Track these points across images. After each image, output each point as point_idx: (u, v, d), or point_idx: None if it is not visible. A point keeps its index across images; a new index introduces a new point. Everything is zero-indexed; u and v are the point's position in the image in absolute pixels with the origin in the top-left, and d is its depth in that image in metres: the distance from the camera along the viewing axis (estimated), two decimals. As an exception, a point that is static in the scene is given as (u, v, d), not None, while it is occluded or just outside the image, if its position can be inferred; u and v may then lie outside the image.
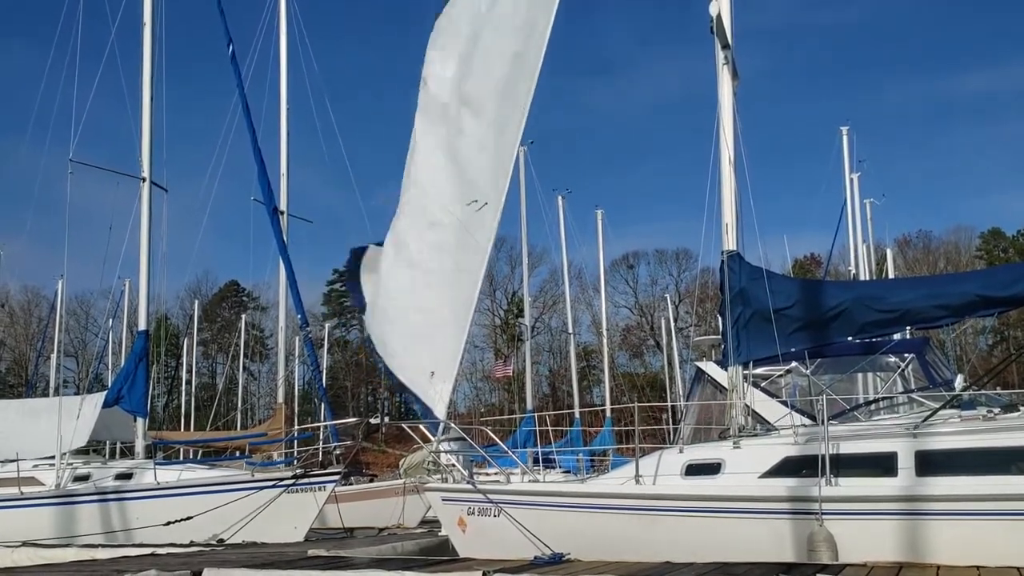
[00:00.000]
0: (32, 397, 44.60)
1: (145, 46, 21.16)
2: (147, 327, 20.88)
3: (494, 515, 12.35)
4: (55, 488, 18.22)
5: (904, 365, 14.34)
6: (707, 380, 16.18)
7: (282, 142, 26.08)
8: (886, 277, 37.75)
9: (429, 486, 13.64)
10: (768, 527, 10.46)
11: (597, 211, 44.63)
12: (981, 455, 9.89)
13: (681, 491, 11.20)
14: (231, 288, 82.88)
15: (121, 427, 20.87)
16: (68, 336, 65.46)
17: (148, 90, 21.08)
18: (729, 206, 12.91)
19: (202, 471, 18.35)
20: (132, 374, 20.13)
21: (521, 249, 41.80)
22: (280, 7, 26.61)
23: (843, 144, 34.98)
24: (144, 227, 20.63)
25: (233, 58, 20.85)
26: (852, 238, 34.71)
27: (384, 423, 16.47)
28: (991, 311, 12.09)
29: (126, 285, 39.26)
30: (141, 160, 20.91)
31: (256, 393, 71.77)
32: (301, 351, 36.40)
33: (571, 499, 12.09)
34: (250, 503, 16.24)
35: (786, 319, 12.22)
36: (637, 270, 79.58)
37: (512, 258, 70.59)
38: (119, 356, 46.24)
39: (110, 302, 43.22)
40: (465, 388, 73.40)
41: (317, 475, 16.48)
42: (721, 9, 12.76)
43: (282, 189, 25.56)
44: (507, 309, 77.96)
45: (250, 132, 20.68)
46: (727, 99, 13.08)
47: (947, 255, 71.71)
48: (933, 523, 9.62)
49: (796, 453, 10.86)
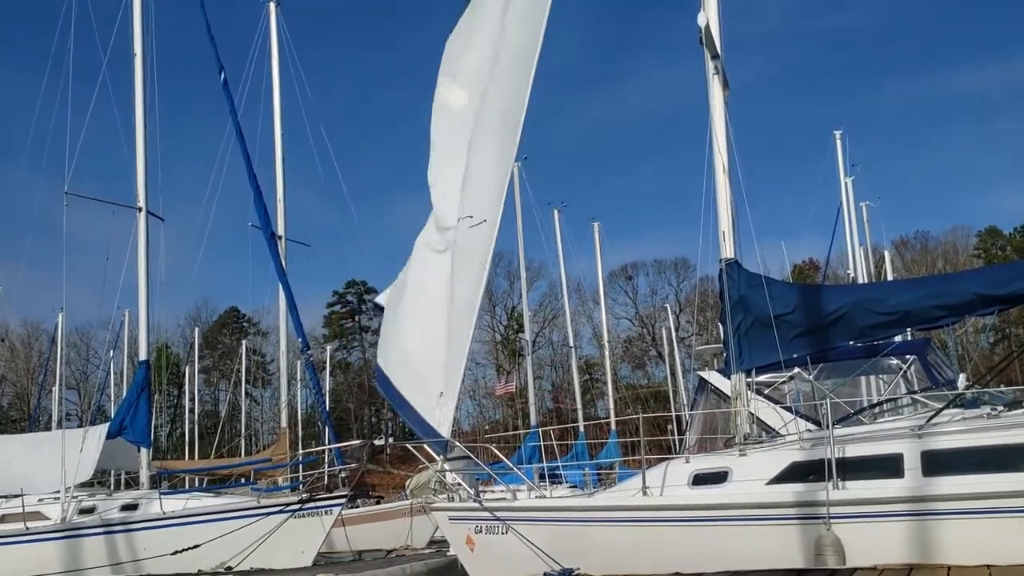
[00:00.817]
0: (35, 431, 44.67)
1: (136, 78, 21.23)
2: (148, 357, 20.85)
3: (502, 533, 12.31)
4: (61, 522, 18.13)
5: (906, 367, 14.36)
6: (710, 389, 16.21)
7: (277, 167, 26.16)
8: (884, 279, 37.81)
9: (436, 506, 13.60)
10: (777, 533, 10.44)
11: (594, 223, 44.65)
12: (987, 453, 9.89)
13: (689, 501, 11.18)
14: (231, 314, 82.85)
15: (125, 458, 20.81)
16: (69, 368, 65.50)
17: (141, 121, 21.12)
18: (725, 214, 12.95)
19: (208, 499, 18.27)
20: (134, 404, 20.08)
21: (519, 264, 41.86)
22: (271, 32, 26.79)
23: (837, 148, 35.13)
24: (141, 257, 20.63)
25: (225, 85, 20.88)
26: (849, 242, 34.79)
27: (389, 444, 16.45)
28: (991, 309, 12.10)
29: (126, 315, 39.28)
30: (136, 190, 20.94)
31: (259, 418, 71.58)
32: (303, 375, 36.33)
33: (579, 514, 12.06)
34: (257, 529, 16.17)
35: (787, 325, 12.24)
36: (636, 281, 79.60)
37: (510, 273, 70.66)
38: (121, 387, 46.14)
39: (110, 333, 43.22)
40: (468, 406, 73.34)
41: (323, 499, 16.40)
42: (709, 20, 12.86)
43: (279, 214, 25.61)
44: (507, 324, 77.91)
45: (245, 159, 20.71)
46: (718, 108, 13.16)
47: (945, 255, 71.77)
48: (942, 523, 9.61)
49: (802, 458, 10.85)
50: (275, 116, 26.38)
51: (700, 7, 13.04)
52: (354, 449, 18.98)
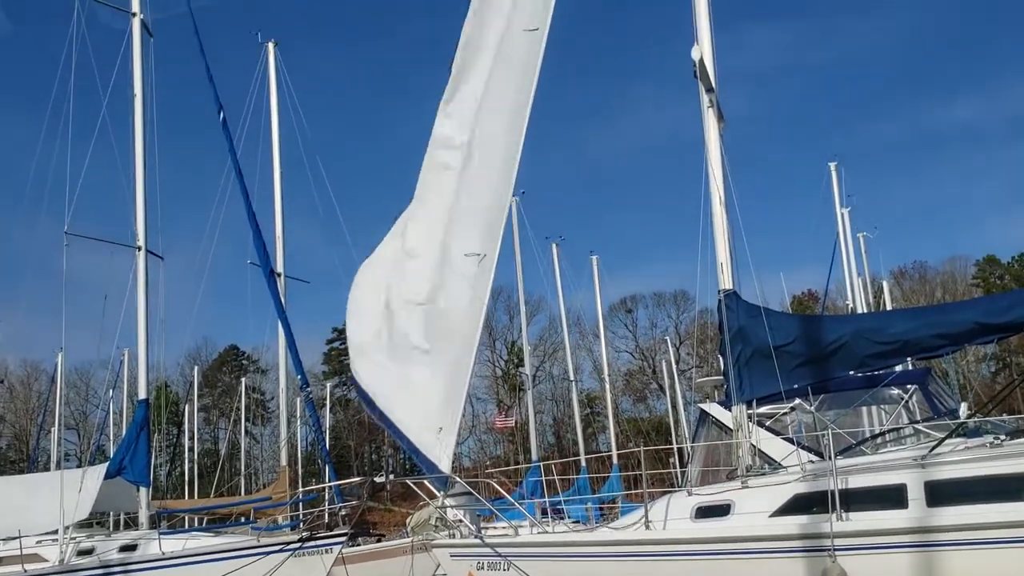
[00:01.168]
0: (34, 472, 44.38)
1: (136, 118, 21.38)
2: (147, 396, 20.80)
3: (504, 569, 12.23)
4: (59, 564, 17.98)
5: (907, 396, 14.33)
6: (712, 421, 16.14)
7: (276, 204, 26.31)
8: (883, 309, 37.85)
9: (437, 543, 13.51)
10: (781, 566, 10.36)
11: (592, 257, 44.79)
12: (991, 483, 9.83)
13: (692, 535, 11.12)
14: (231, 352, 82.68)
15: (124, 498, 20.68)
16: (68, 408, 65.14)
17: (140, 161, 21.25)
18: (723, 245, 13.00)
19: (207, 539, 18.14)
20: (134, 444, 20.00)
21: (519, 298, 41.89)
22: (270, 71, 27.04)
23: (832, 179, 35.38)
24: (141, 296, 20.66)
25: (224, 124, 21.05)
26: (847, 272, 34.90)
27: (389, 480, 16.35)
28: (991, 338, 12.11)
29: (125, 354, 39.17)
30: (136, 229, 21.01)
31: (259, 457, 71.17)
32: (303, 412, 36.20)
33: (581, 548, 11.99)
34: (257, 569, 16.05)
35: (787, 356, 12.22)
36: (636, 314, 79.46)
37: (510, 308, 70.60)
38: (120, 426, 45.96)
39: (109, 372, 42.99)
40: (470, 441, 72.98)
41: (323, 537, 16.30)
42: (704, 54, 12.99)
43: (278, 251, 25.71)
44: (507, 359, 77.71)
45: (244, 197, 20.83)
46: (714, 141, 13.25)
47: (944, 284, 71.78)
48: (946, 554, 9.54)
49: (805, 490, 10.79)
50: (274, 154, 26.59)
51: (694, 41, 13.18)
52: (355, 486, 18.88)
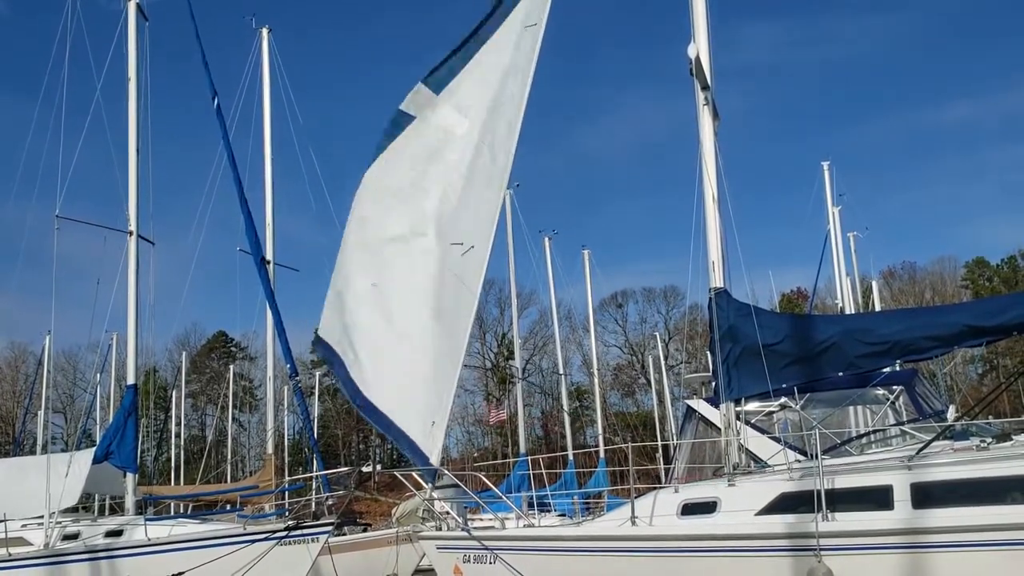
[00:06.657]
0: (20, 455, 44.22)
1: (130, 102, 21.25)
2: (136, 381, 20.73)
3: (490, 562, 12.23)
4: (44, 548, 17.92)
5: (893, 397, 14.37)
6: (698, 418, 16.18)
7: (267, 192, 26.21)
8: (872, 309, 37.95)
9: (423, 534, 13.51)
10: (766, 565, 10.40)
11: (584, 251, 44.86)
12: (977, 485, 9.88)
13: (678, 531, 11.13)
14: (219, 339, 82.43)
15: (111, 482, 20.61)
16: (56, 392, 64.92)
17: (134, 145, 21.13)
18: (715, 243, 13.00)
19: (193, 525, 18.09)
20: (121, 429, 19.91)
21: (510, 291, 41.89)
22: (263, 58, 26.93)
23: (825, 179, 35.42)
24: (131, 281, 20.54)
25: (218, 111, 20.98)
26: (837, 271, 34.98)
27: (376, 471, 16.35)
28: (980, 340, 12.15)
29: (114, 339, 39.12)
30: (128, 213, 20.91)
31: (246, 444, 71.08)
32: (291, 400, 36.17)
33: (567, 543, 12.00)
34: (242, 557, 16.01)
35: (776, 355, 12.24)
36: (626, 309, 79.60)
37: (501, 300, 70.72)
38: (108, 411, 45.85)
39: (98, 356, 42.93)
40: (457, 433, 73.02)
41: (310, 526, 16.28)
42: (699, 51, 12.98)
43: (268, 239, 25.61)
44: (497, 352, 77.73)
45: (236, 184, 20.74)
46: (708, 139, 13.24)
47: (932, 285, 72.08)
48: (932, 555, 9.59)
49: (792, 489, 10.82)
50: (265, 141, 26.47)
51: (690, 39, 13.17)
52: (342, 476, 18.86)
